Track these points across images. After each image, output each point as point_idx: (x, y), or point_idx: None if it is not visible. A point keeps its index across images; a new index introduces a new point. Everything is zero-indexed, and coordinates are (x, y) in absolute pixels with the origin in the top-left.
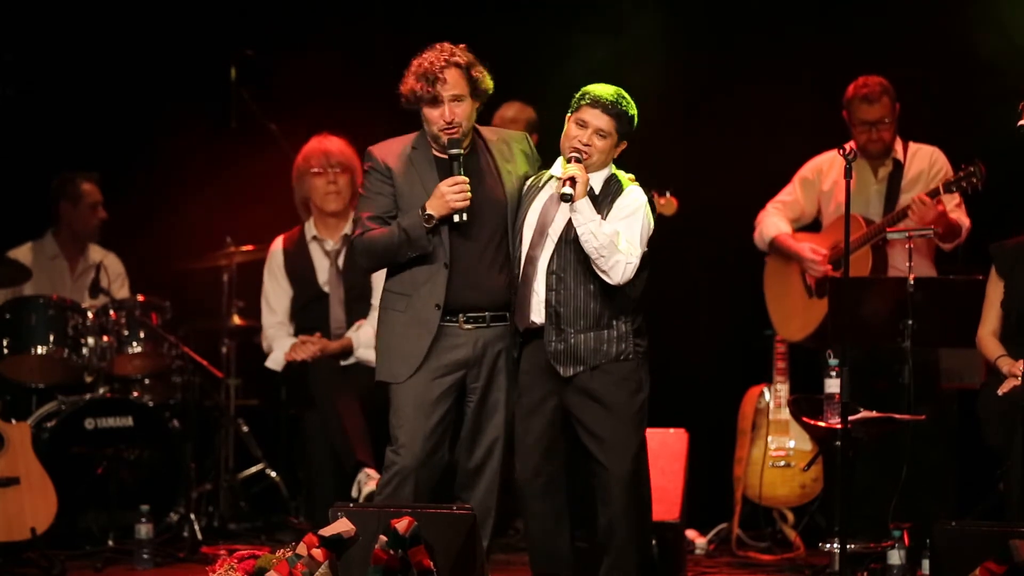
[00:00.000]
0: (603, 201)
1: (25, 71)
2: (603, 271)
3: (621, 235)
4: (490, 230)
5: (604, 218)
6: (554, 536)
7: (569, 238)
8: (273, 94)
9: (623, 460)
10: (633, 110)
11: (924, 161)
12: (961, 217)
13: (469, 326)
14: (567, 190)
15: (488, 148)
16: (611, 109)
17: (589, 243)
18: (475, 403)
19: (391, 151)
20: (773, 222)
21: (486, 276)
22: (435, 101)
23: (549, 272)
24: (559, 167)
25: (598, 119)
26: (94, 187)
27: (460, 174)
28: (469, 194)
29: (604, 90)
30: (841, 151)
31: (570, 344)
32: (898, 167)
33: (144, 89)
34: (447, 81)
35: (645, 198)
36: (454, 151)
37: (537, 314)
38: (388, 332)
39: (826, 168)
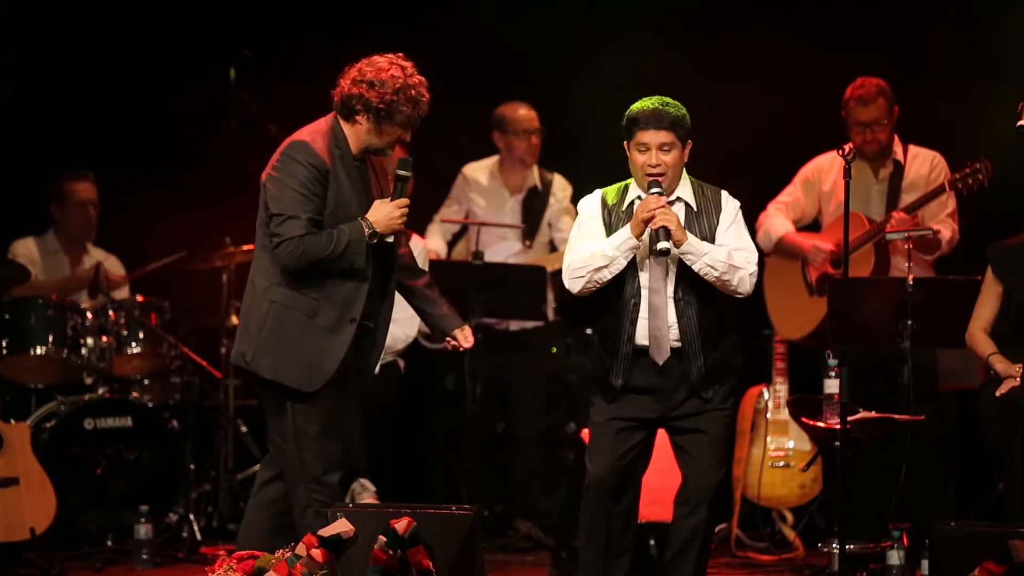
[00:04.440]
0: (706, 212)
1: (25, 71)
2: (732, 291)
3: (732, 250)
4: (394, 248)
5: (716, 228)
6: (618, 542)
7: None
8: (273, 94)
9: (721, 470)
10: (681, 110)
11: (924, 166)
12: (943, 230)
13: (357, 332)
14: (663, 245)
15: (375, 168)
16: (664, 122)
17: (710, 275)
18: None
19: (324, 149)
20: (779, 222)
21: (375, 287)
22: (409, 125)
23: (676, 299)
24: (635, 189)
25: (657, 136)
26: (84, 185)
27: (404, 195)
28: (405, 218)
29: (649, 104)
30: (840, 151)
31: (710, 366)
32: (898, 168)
33: (144, 89)
34: (424, 110)
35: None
36: (403, 172)
37: (675, 341)
38: (293, 334)
39: (826, 168)
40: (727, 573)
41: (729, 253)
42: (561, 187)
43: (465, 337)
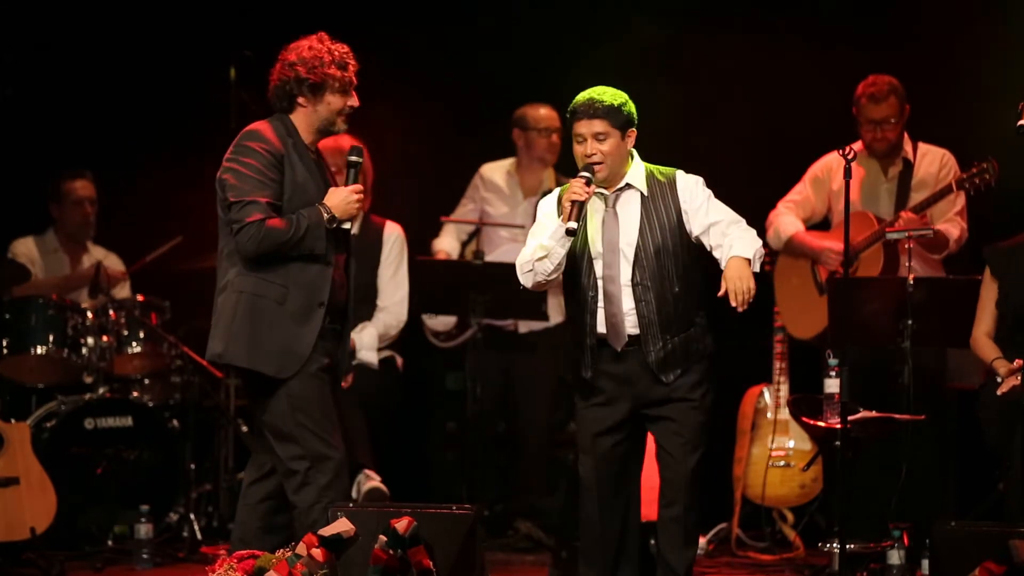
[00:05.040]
0: (660, 195)
1: (25, 71)
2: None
3: (731, 223)
4: (344, 235)
5: (676, 209)
6: (617, 542)
7: (647, 246)
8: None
9: (691, 458)
10: (619, 98)
11: (934, 165)
12: (950, 228)
13: (330, 324)
14: (570, 225)
15: (326, 163)
16: (595, 111)
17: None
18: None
19: (280, 138)
20: (789, 220)
21: (341, 278)
22: (347, 87)
23: (634, 284)
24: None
25: (589, 126)
26: (82, 183)
27: (357, 181)
28: (362, 203)
29: (583, 96)
30: (841, 152)
31: (668, 350)
32: (908, 166)
33: (144, 89)
34: (354, 69)
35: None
36: (355, 158)
37: (632, 327)
38: (264, 321)
39: (835, 166)
40: (727, 573)
41: (750, 241)
42: None
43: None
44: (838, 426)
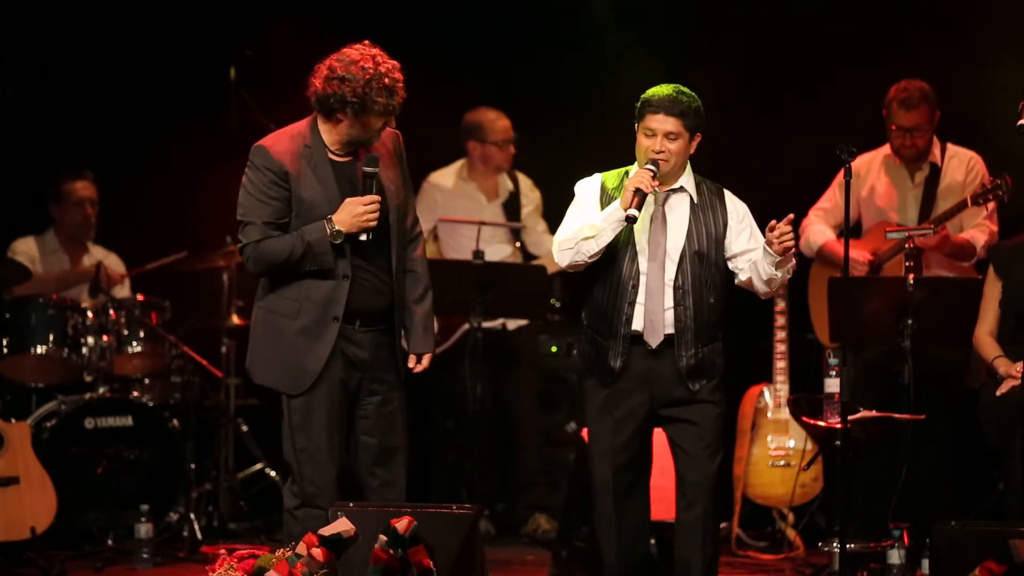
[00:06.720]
0: (711, 207)
1: (25, 71)
2: (768, 292)
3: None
4: (380, 238)
5: (724, 223)
6: (633, 541)
7: (692, 251)
8: (273, 94)
9: (714, 460)
10: (696, 102)
11: (960, 171)
12: (977, 235)
13: (364, 330)
14: (632, 213)
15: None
16: (674, 109)
17: (786, 278)
18: (375, 404)
19: (287, 152)
20: (819, 229)
21: (379, 283)
22: (390, 113)
23: (675, 287)
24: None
25: (664, 123)
26: (82, 183)
27: (373, 192)
28: (378, 214)
29: (662, 91)
30: (840, 151)
31: (699, 358)
32: (935, 171)
33: (144, 89)
34: (401, 96)
35: None
36: (370, 168)
37: (668, 328)
38: (277, 337)
39: (863, 172)
40: (728, 572)
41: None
42: (529, 187)
43: (416, 362)
44: (838, 426)
